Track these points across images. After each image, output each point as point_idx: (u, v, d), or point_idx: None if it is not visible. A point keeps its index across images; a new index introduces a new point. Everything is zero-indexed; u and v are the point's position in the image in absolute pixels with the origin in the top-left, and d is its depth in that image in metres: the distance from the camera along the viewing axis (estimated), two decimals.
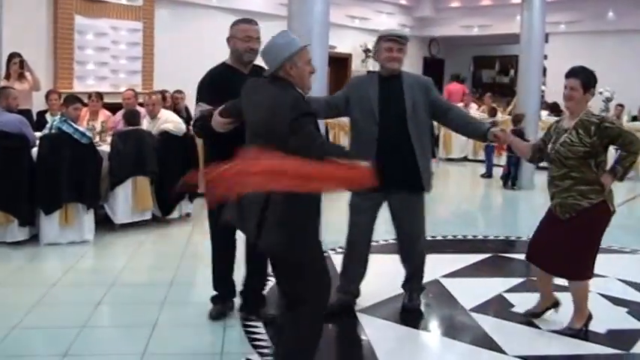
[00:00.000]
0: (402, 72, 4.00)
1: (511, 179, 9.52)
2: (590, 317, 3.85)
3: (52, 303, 4.21)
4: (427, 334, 3.86)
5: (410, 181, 3.94)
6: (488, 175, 10.62)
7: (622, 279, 4.98)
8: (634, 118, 11.61)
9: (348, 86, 4.15)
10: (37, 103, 7.81)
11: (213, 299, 4.01)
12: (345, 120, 8.79)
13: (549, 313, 4.05)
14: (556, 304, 4.04)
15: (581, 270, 3.73)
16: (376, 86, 3.95)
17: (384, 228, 4.45)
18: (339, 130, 9.76)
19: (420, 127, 3.95)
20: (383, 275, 4.61)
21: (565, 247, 3.67)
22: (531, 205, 8.76)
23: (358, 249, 4.17)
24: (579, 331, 3.82)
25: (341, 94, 4.09)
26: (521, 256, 5.51)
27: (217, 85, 3.65)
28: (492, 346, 3.66)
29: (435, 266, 5.09)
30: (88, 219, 5.71)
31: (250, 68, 3.78)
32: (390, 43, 3.90)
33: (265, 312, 3.95)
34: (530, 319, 4.03)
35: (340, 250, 5.57)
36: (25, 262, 5.17)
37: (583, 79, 3.65)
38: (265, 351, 3.52)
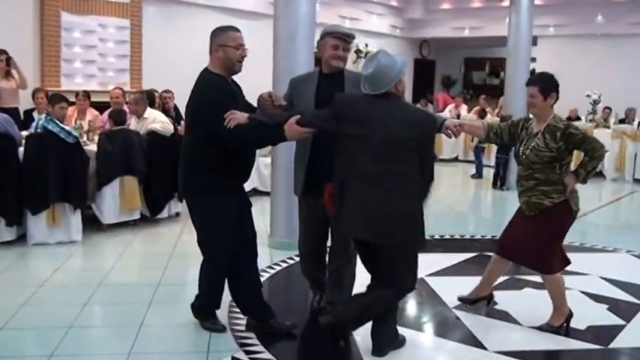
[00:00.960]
0: (344, 69, 3.83)
1: (500, 179, 9.59)
2: (570, 315, 3.94)
3: (40, 303, 4.21)
4: (410, 332, 3.88)
5: None
6: (478, 175, 10.69)
7: (604, 277, 5.07)
8: (621, 121, 11.72)
9: (290, 86, 3.94)
10: (24, 102, 7.76)
11: (207, 313, 3.85)
12: None
13: (482, 304, 4.24)
14: (490, 298, 4.25)
15: (546, 264, 3.87)
16: (314, 85, 3.78)
17: None
18: None
19: None
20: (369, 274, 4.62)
21: (531, 242, 3.84)
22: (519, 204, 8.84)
23: (317, 261, 4.09)
24: (559, 328, 3.91)
25: (285, 96, 3.82)
26: None
27: (231, 94, 3.50)
28: (474, 342, 3.73)
29: (421, 265, 5.08)
30: (76, 219, 5.70)
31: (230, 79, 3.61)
32: (337, 40, 3.72)
33: (278, 322, 3.81)
34: (464, 304, 4.22)
35: None
36: (13, 262, 5.15)
37: (541, 85, 3.75)
38: (252, 349, 3.54)
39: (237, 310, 4.00)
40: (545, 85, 3.75)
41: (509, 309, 4.22)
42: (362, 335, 3.79)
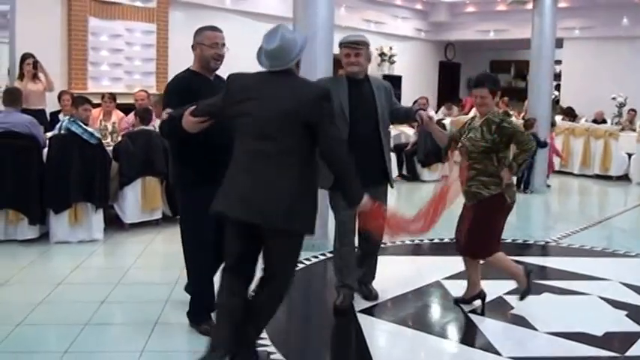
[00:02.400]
0: (368, 75, 4.23)
1: (524, 183, 9.47)
2: (529, 271, 4.22)
3: (58, 300, 4.29)
4: (425, 336, 3.87)
5: (379, 177, 4.15)
6: None
7: (624, 282, 4.96)
8: None
9: None
10: (51, 104, 7.93)
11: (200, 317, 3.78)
12: None
13: (477, 303, 4.29)
14: (482, 296, 4.30)
15: (485, 250, 4.10)
16: (346, 88, 4.09)
17: None
18: None
19: (386, 127, 4.22)
20: (387, 276, 4.63)
21: (471, 231, 4.05)
22: (543, 208, 8.74)
23: (349, 244, 4.26)
24: (528, 288, 4.14)
25: None
26: (529, 259, 5.57)
27: (186, 90, 3.58)
28: (489, 347, 3.68)
29: (438, 268, 5.12)
30: (98, 218, 5.80)
31: (214, 76, 3.76)
32: (347, 49, 4.09)
33: None
34: (460, 305, 4.28)
35: None
36: (35, 259, 5.26)
37: (489, 86, 3.99)
38: (264, 349, 3.55)
39: None
40: (492, 84, 4.00)
41: (525, 314, 4.16)
42: (371, 334, 3.80)
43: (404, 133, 10.49)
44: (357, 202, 3.11)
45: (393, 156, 9.74)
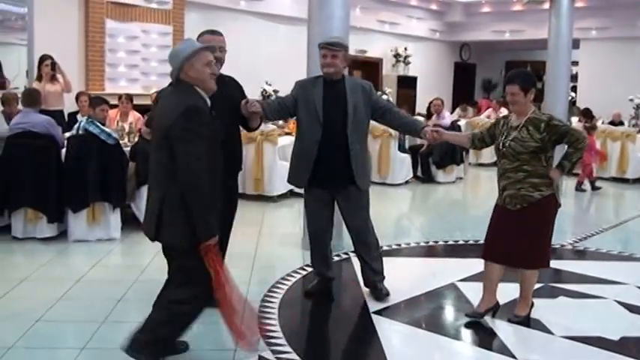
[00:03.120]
0: (344, 76, 4.28)
1: None
2: (532, 304, 4.09)
3: (76, 298, 4.35)
4: (440, 338, 3.87)
5: (350, 179, 4.21)
6: None
7: None
8: None
9: (297, 88, 4.32)
10: (69, 105, 8.02)
11: None
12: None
13: (490, 315, 4.13)
14: (497, 307, 4.15)
15: (539, 259, 3.94)
16: (321, 89, 4.20)
17: (415, 232, 4.47)
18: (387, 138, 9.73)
19: (359, 127, 4.23)
20: (402, 278, 4.64)
21: (521, 239, 3.85)
22: (559, 211, 8.66)
23: (320, 243, 4.42)
24: (525, 318, 4.03)
25: (290, 96, 4.31)
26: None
27: None
28: (505, 351, 3.66)
29: (453, 270, 5.11)
30: (115, 217, 5.86)
31: (216, 77, 3.78)
32: (323, 50, 4.16)
33: None
34: (475, 318, 4.08)
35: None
36: (53, 257, 5.33)
37: (520, 83, 3.84)
38: (279, 349, 3.58)
39: (267, 309, 4.06)
40: (524, 82, 3.85)
41: (542, 318, 4.12)
42: (386, 336, 3.81)
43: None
44: (203, 237, 2.91)
45: (407, 157, 9.80)
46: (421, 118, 11.34)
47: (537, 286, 4.74)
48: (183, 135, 2.87)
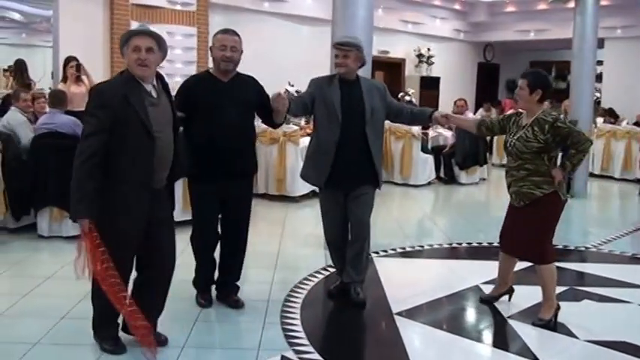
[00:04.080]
0: (358, 76, 4.26)
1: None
2: (558, 307, 4.04)
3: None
4: (463, 340, 3.85)
5: (367, 179, 4.22)
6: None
7: None
8: None
9: (313, 86, 4.26)
10: None
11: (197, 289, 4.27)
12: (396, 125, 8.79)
13: (505, 299, 4.38)
14: (511, 292, 4.39)
15: (540, 254, 4.01)
16: (337, 88, 4.15)
17: (437, 233, 4.46)
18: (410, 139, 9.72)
19: (377, 128, 4.25)
20: (425, 279, 4.62)
21: (524, 233, 4.01)
22: (583, 213, 8.57)
23: (338, 244, 4.38)
24: (549, 322, 4.00)
25: (308, 93, 4.26)
26: (568, 265, 5.49)
27: (192, 91, 3.91)
28: (529, 354, 3.63)
29: (477, 272, 5.08)
30: None
31: (231, 77, 3.94)
32: (336, 50, 4.17)
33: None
34: (487, 303, 4.35)
35: (385, 253, 5.64)
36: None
37: (530, 79, 3.93)
38: (301, 349, 3.59)
39: (289, 309, 4.08)
40: (534, 80, 3.93)
41: (566, 321, 4.07)
42: (408, 337, 3.80)
43: (442, 135, 10.43)
44: (73, 217, 3.17)
45: (430, 158, 9.77)
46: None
47: (561, 289, 4.72)
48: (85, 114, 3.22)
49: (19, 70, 8.43)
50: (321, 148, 4.19)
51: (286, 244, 5.96)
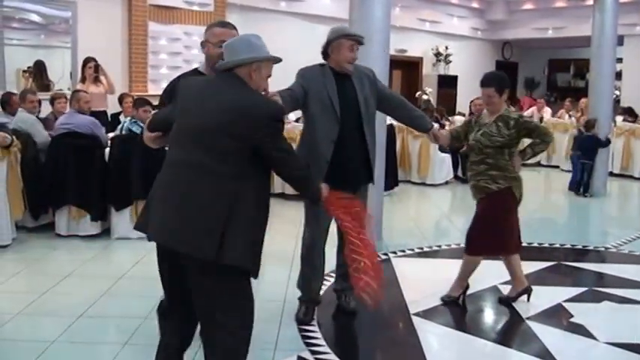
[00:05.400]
0: None
1: (584, 186, 9.16)
2: (529, 289, 4.33)
3: (118, 294, 4.43)
4: (481, 341, 3.81)
5: (365, 179, 3.97)
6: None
7: None
8: None
9: (304, 78, 3.83)
10: (112, 106, 8.19)
11: None
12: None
13: (524, 299, 4.36)
14: (529, 290, 4.38)
15: (494, 248, 4.23)
16: (333, 81, 3.79)
17: (455, 233, 4.43)
18: (406, 134, 9.70)
19: (371, 122, 3.93)
20: (442, 280, 4.59)
21: (478, 226, 4.21)
22: (602, 212, 8.47)
23: (321, 257, 4.06)
24: (515, 298, 4.32)
25: (299, 86, 3.79)
26: (587, 266, 5.42)
27: (174, 91, 3.08)
28: (547, 356, 3.58)
29: (495, 273, 5.01)
30: None
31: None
32: (352, 42, 3.79)
33: None
34: (506, 304, 4.36)
35: (402, 253, 5.61)
36: (97, 254, 5.45)
37: (496, 86, 4.12)
38: (317, 349, 3.58)
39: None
40: (499, 84, 4.13)
41: (584, 322, 4.03)
42: (426, 338, 3.77)
43: None
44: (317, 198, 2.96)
45: (447, 157, 9.70)
46: (461, 118, 11.23)
47: (580, 290, 4.69)
48: (274, 137, 2.56)
49: (38, 71, 8.53)
50: (316, 147, 3.77)
51: None
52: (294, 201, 7.83)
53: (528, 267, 5.24)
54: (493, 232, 4.16)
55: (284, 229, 6.38)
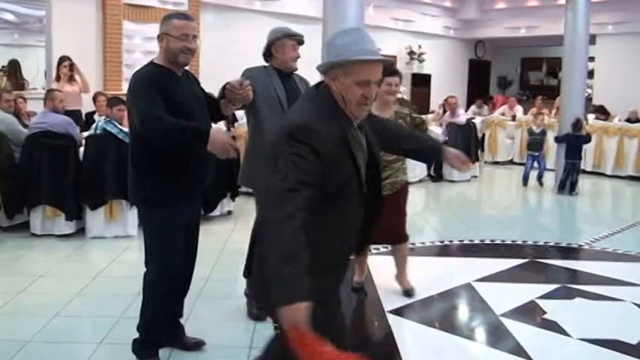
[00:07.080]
0: None
1: (570, 185, 9.15)
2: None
3: (93, 293, 4.40)
4: (455, 338, 3.86)
5: None
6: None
7: None
8: None
9: (249, 76, 3.69)
10: (86, 105, 8.11)
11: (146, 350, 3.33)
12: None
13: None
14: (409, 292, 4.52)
15: (404, 233, 4.44)
16: (279, 80, 3.82)
17: (429, 231, 4.46)
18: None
19: None
20: (416, 277, 4.64)
21: (395, 218, 4.24)
22: (575, 210, 8.61)
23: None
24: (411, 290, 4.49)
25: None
26: (560, 263, 5.51)
27: (158, 87, 3.01)
28: (521, 352, 3.63)
29: (469, 270, 5.10)
30: (132, 215, 5.90)
31: (182, 71, 3.22)
32: (293, 42, 3.85)
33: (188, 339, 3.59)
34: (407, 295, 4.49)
35: (376, 251, 5.65)
36: (71, 253, 5.40)
37: (400, 76, 4.30)
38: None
39: None
40: (400, 76, 4.30)
41: (557, 319, 4.10)
42: (401, 335, 3.80)
43: (432, 132, 10.43)
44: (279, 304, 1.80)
45: None
46: (431, 116, 11.34)
47: (553, 286, 4.77)
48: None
49: (12, 70, 8.44)
50: (265, 145, 3.41)
51: None
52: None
53: (501, 264, 5.37)
54: (405, 220, 4.46)
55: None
